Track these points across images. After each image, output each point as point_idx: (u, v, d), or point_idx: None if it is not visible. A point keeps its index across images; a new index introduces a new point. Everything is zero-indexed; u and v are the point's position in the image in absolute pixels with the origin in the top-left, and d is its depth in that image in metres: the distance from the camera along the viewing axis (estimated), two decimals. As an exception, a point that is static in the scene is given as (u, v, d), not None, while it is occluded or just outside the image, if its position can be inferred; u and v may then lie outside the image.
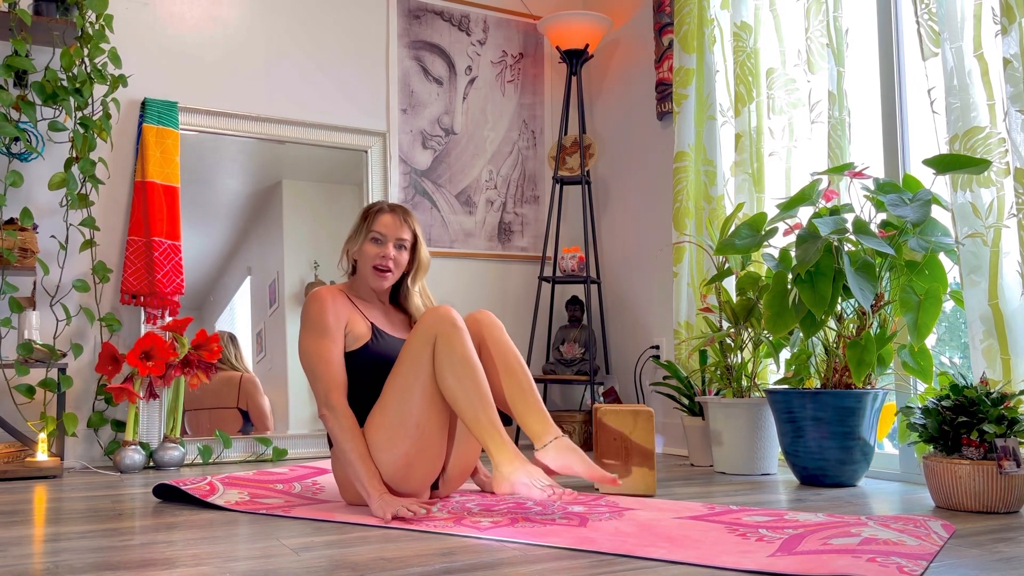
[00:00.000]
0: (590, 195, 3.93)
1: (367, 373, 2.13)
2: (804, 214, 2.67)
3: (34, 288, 3.03)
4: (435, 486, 2.21)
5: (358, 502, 2.12)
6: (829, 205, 2.61)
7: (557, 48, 3.90)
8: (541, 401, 2.12)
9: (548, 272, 3.95)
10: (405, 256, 2.27)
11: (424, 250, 2.31)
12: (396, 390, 2.04)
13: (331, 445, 2.18)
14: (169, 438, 3.07)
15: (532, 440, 2.06)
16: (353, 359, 2.14)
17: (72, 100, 2.97)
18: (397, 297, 2.36)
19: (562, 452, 2.02)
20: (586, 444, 3.59)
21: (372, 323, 2.21)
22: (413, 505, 1.91)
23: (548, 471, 2.02)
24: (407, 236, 2.26)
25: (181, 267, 3.20)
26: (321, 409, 2.08)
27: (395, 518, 1.88)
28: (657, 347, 3.67)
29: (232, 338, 3.40)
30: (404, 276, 2.32)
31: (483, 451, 2.12)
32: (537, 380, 3.68)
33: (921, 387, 2.57)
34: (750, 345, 2.89)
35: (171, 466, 3.04)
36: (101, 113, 3.06)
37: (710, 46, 3.27)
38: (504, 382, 2.12)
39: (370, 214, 2.26)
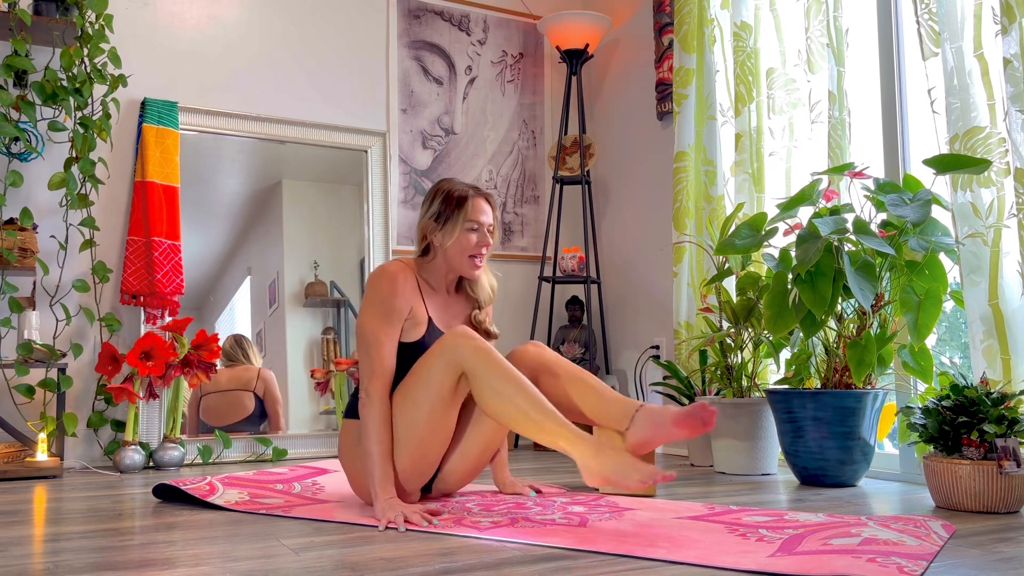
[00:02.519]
0: (590, 195, 3.93)
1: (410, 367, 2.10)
2: (804, 214, 2.67)
3: (34, 288, 3.03)
4: (427, 488, 2.21)
5: (366, 496, 2.13)
6: (829, 205, 2.61)
7: (557, 48, 3.89)
8: (611, 389, 2.08)
9: (548, 272, 3.95)
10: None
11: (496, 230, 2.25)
12: (407, 406, 2.03)
13: (341, 426, 2.17)
14: (169, 438, 3.07)
15: (617, 427, 2.01)
16: (403, 351, 2.11)
17: (72, 100, 2.97)
18: (461, 280, 2.29)
19: (651, 419, 1.96)
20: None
21: (430, 317, 2.16)
22: (414, 516, 1.87)
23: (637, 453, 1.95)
24: (493, 220, 2.21)
25: (181, 267, 3.20)
26: (361, 392, 2.05)
27: (389, 526, 1.86)
28: (657, 347, 3.67)
29: (244, 340, 3.43)
30: None
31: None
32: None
33: (921, 387, 2.57)
34: (750, 345, 2.89)
35: (171, 466, 3.04)
36: (101, 113, 3.06)
37: (710, 46, 3.27)
38: (572, 390, 2.09)
39: (463, 201, 2.15)
